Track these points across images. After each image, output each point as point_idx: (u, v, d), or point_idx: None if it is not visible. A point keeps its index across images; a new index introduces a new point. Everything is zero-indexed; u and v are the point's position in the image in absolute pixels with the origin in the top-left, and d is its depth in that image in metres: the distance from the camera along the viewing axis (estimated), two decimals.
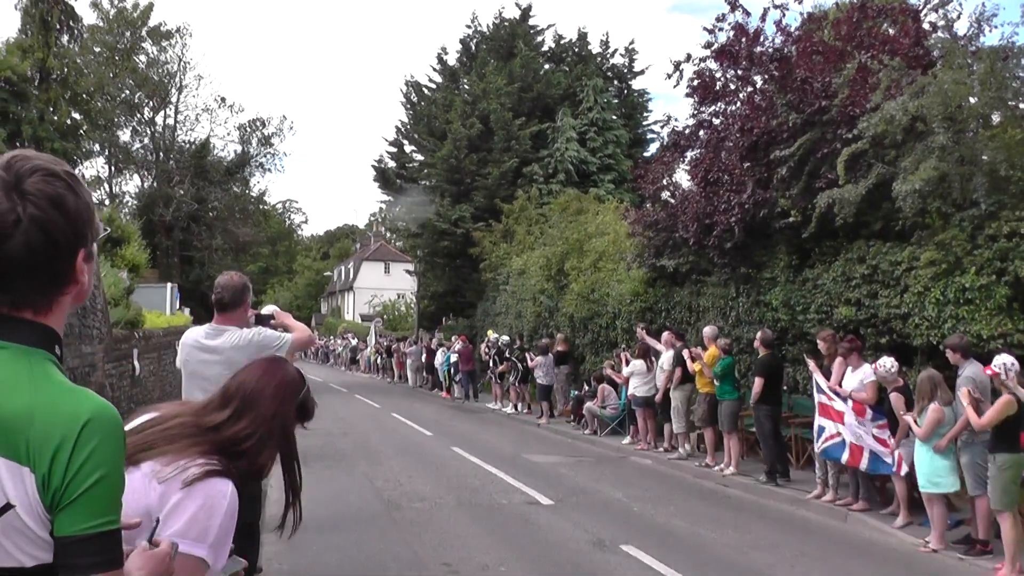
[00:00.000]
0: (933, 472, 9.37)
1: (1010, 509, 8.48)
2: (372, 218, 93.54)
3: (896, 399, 10.35)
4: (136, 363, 16.33)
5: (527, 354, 23.70)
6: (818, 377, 11.72)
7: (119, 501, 1.68)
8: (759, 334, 13.44)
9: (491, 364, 26.14)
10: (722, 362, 13.87)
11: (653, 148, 34.89)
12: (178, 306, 31.46)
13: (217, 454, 2.48)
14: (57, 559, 1.64)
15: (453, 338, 30.82)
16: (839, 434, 11.32)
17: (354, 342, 54.64)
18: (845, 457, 11.23)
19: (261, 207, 49.75)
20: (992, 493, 8.59)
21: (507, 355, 25.03)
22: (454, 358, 29.07)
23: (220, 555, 2.49)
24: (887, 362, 10.65)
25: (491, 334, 27.69)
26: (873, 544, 10.01)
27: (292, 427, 2.78)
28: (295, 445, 2.79)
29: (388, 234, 78.62)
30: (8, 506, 1.62)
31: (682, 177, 19.15)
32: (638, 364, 16.69)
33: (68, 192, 1.72)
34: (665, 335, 16.24)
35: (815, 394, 11.89)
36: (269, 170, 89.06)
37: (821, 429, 11.59)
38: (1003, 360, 8.51)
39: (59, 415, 1.64)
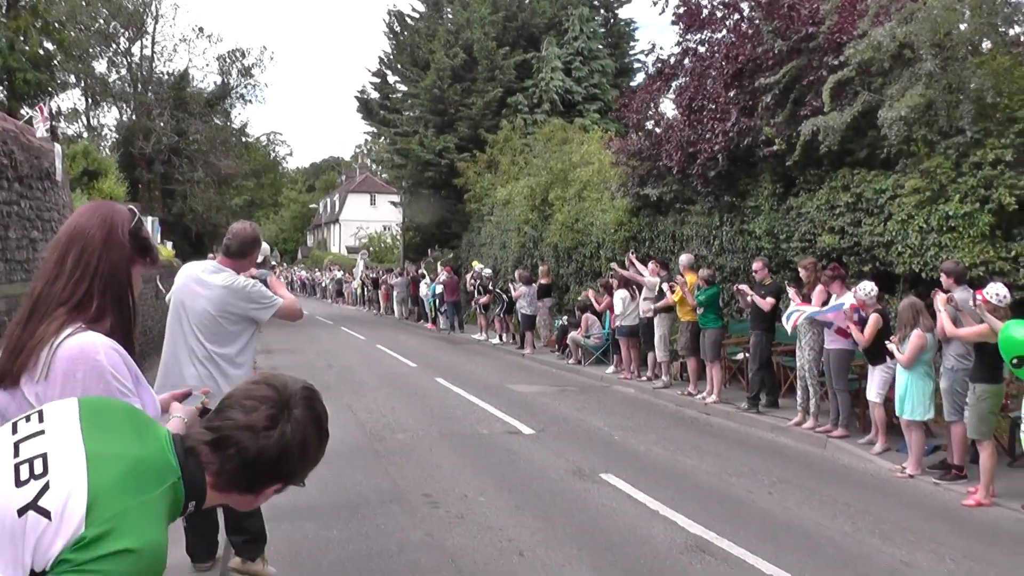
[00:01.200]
0: (914, 399, 9.41)
1: (987, 438, 8.55)
2: (357, 150, 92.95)
3: (875, 320, 10.37)
4: None
5: (511, 285, 23.66)
6: (796, 301, 11.75)
7: None
8: (757, 263, 13.37)
9: (475, 295, 26.11)
10: (706, 291, 13.82)
11: (639, 78, 34.48)
12: (159, 240, 31.21)
13: (75, 320, 2.47)
14: None
15: (438, 268, 30.73)
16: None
17: (340, 274, 54.51)
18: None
19: (243, 139, 49.03)
20: (970, 422, 8.64)
21: (491, 287, 25.02)
22: (439, 289, 29.01)
23: (144, 397, 2.46)
24: (867, 286, 10.64)
25: (476, 264, 27.62)
26: (851, 470, 10.08)
27: (123, 261, 2.63)
28: (129, 283, 2.66)
29: (373, 166, 78.16)
30: (45, 512, 1.70)
31: (667, 106, 18.98)
32: (622, 293, 16.63)
33: (315, 442, 1.99)
34: (651, 265, 16.16)
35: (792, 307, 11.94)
36: (250, 101, 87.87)
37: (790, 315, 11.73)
38: (996, 289, 8.46)
39: (125, 531, 1.70)
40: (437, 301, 29.47)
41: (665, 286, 14.89)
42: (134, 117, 40.93)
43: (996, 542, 7.44)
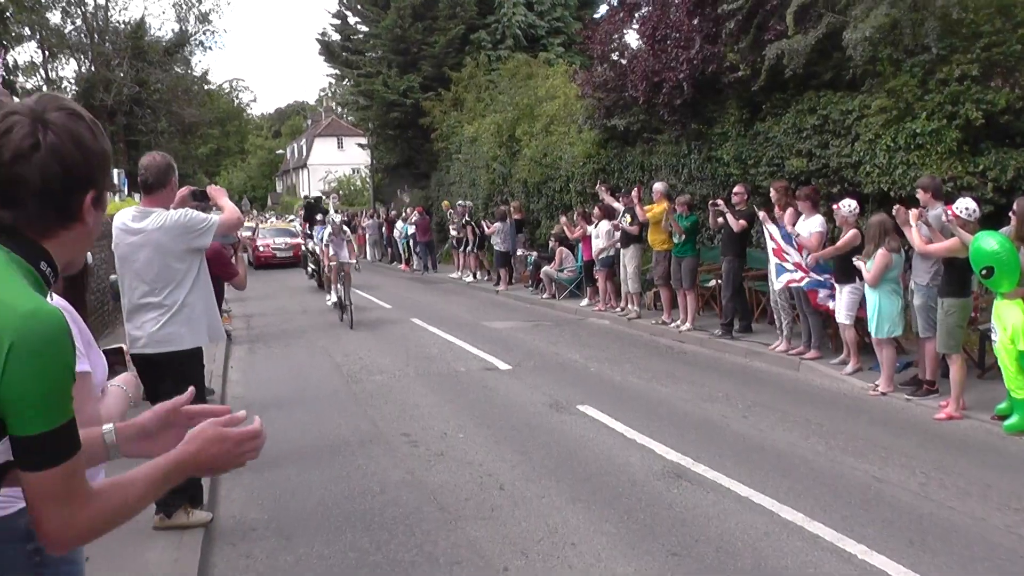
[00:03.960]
0: (884, 317, 9.50)
1: (956, 351, 8.66)
2: (322, 93, 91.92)
3: (852, 236, 10.34)
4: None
5: (483, 221, 23.56)
6: (769, 226, 11.74)
7: (59, 402, 1.72)
8: (740, 187, 13.35)
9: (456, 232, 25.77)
10: (690, 218, 13.77)
11: (602, 10, 34.05)
12: (127, 192, 30.80)
13: None
14: (15, 455, 1.74)
15: (409, 209, 30.58)
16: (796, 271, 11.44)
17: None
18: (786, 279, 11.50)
19: (205, 87, 48.28)
20: (939, 336, 8.76)
21: (468, 220, 24.86)
22: (411, 230, 28.89)
23: (94, 360, 2.45)
24: (850, 203, 10.60)
25: (446, 204, 27.47)
26: (824, 390, 10.21)
27: None
28: None
29: (339, 109, 77.33)
30: None
31: (631, 37, 18.83)
32: (605, 225, 16.49)
33: (88, 133, 1.85)
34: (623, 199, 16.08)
35: (767, 242, 11.91)
36: (210, 48, 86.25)
37: (780, 269, 11.62)
38: (965, 204, 8.57)
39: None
40: (411, 242, 29.35)
41: (637, 208, 14.79)
42: (92, 68, 40.08)
43: (966, 453, 7.57)
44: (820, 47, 12.85)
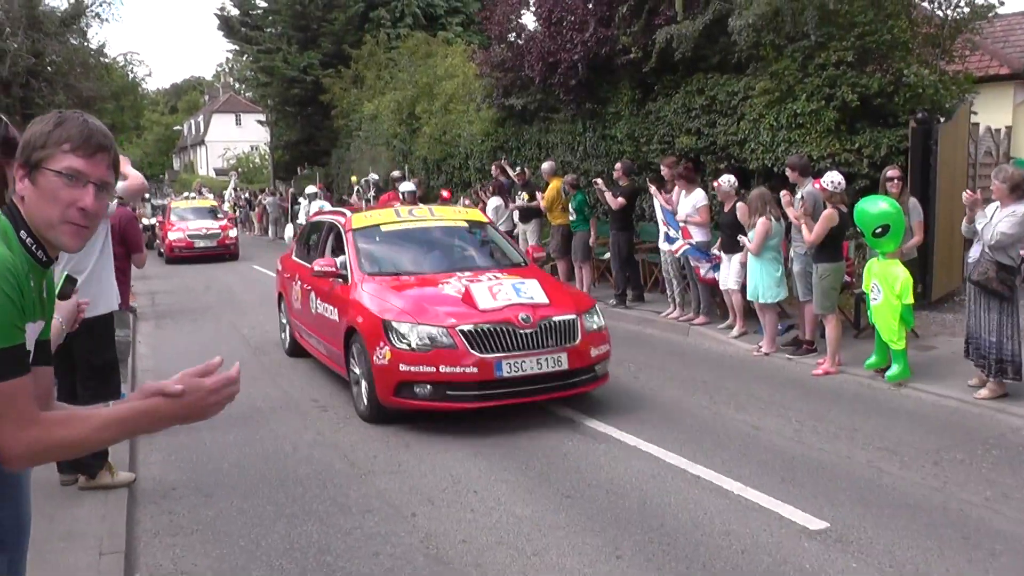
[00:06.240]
0: (764, 283, 10.15)
1: (831, 311, 9.36)
2: (219, 69, 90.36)
3: (741, 208, 10.87)
4: None
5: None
6: (660, 200, 12.32)
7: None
8: (619, 164, 13.83)
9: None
10: (575, 197, 14.27)
11: None
12: None
13: None
14: None
15: (310, 187, 30.53)
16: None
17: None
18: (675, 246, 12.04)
19: (102, 60, 47.03)
20: (815, 299, 9.46)
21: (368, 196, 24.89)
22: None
23: None
24: (730, 178, 11.24)
25: (353, 178, 27.55)
26: (711, 352, 10.86)
27: None
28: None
29: (237, 85, 76.17)
30: None
31: (528, 18, 19.26)
32: (495, 200, 16.96)
33: (43, 127, 2.28)
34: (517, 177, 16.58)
35: (657, 214, 12.49)
36: (107, 20, 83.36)
37: (667, 238, 12.23)
38: (832, 177, 9.35)
39: None
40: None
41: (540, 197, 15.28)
42: None
43: (838, 403, 8.27)
44: (707, 32, 13.51)
